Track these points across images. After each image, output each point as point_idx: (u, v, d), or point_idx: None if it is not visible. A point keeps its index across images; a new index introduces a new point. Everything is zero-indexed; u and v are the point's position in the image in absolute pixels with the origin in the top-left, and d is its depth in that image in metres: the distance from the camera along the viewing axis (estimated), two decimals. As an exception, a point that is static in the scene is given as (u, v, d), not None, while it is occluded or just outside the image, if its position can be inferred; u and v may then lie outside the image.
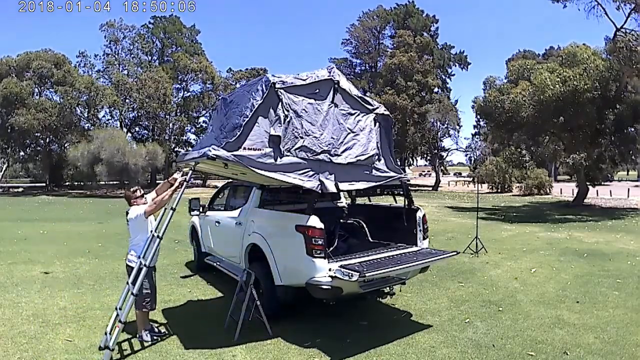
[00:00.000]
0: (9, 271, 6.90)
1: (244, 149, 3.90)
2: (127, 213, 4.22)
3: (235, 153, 3.85)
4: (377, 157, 4.74)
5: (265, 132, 4.02)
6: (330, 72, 4.45)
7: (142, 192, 4.37)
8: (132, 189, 4.41)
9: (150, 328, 4.23)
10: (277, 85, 4.06)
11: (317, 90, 4.34)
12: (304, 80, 4.26)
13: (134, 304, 3.89)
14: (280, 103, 4.07)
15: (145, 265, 3.87)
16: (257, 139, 3.98)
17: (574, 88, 15.90)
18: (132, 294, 3.80)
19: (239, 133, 3.88)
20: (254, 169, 3.94)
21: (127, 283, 3.94)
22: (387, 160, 4.90)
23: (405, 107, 36.28)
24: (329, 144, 4.32)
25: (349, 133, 4.50)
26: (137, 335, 4.09)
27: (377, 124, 4.79)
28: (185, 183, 4.21)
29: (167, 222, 3.98)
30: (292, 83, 4.17)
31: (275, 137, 4.04)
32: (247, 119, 3.92)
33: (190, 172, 4.37)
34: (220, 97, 7.24)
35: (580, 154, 17.60)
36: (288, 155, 4.10)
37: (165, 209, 4.28)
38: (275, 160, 4.03)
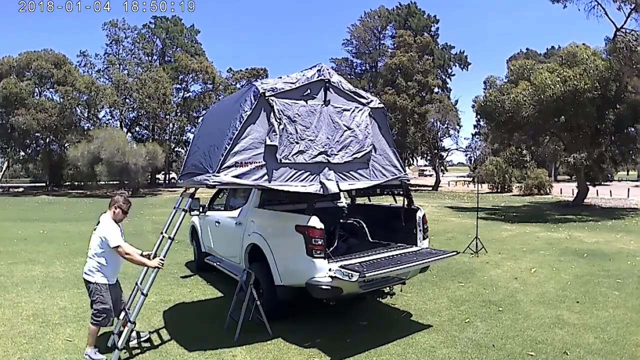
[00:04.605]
0: (9, 271, 6.90)
1: (241, 164, 3.82)
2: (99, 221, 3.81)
3: (234, 174, 3.77)
4: (373, 152, 4.64)
5: (260, 144, 3.93)
6: (320, 72, 4.32)
7: (129, 200, 3.99)
8: (123, 195, 3.96)
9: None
10: (267, 94, 3.96)
11: (309, 92, 4.23)
12: (293, 83, 4.15)
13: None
14: (272, 111, 3.97)
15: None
16: (252, 151, 3.89)
17: (574, 88, 15.90)
18: (142, 293, 3.81)
19: (228, 147, 3.77)
20: (255, 186, 3.93)
21: (136, 283, 3.94)
22: (387, 154, 4.82)
23: (406, 107, 36.29)
24: (325, 145, 4.25)
25: (345, 130, 4.42)
26: (85, 353, 3.74)
27: (372, 119, 4.70)
28: (161, 268, 3.81)
29: (178, 223, 3.96)
30: (282, 89, 4.06)
31: (272, 147, 3.96)
32: (237, 131, 3.82)
33: (191, 199, 4.13)
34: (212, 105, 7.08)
35: (581, 153, 17.58)
36: (285, 163, 4.03)
37: (176, 209, 4.29)
38: (273, 171, 3.97)
